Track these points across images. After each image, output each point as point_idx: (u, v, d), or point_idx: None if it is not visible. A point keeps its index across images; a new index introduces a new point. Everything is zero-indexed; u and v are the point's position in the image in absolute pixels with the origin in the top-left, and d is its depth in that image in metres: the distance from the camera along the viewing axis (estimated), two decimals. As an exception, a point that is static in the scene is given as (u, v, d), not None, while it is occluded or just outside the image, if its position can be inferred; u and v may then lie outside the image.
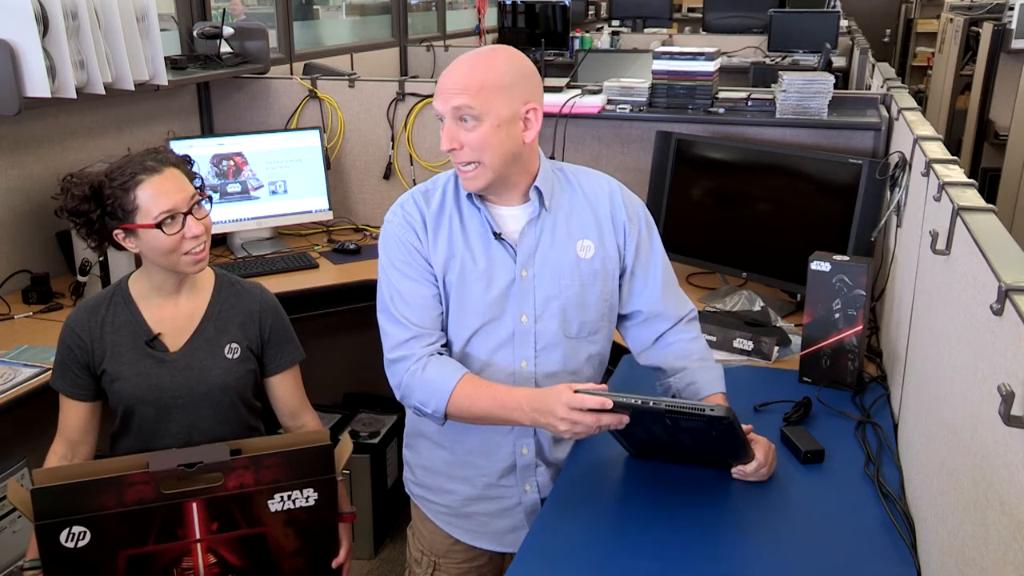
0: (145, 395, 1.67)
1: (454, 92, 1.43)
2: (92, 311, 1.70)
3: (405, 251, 1.55)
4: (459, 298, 1.54)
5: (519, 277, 1.55)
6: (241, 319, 1.75)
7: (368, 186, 3.17)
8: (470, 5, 7.79)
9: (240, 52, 3.13)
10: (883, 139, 2.48)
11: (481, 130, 1.44)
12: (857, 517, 1.41)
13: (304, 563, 1.63)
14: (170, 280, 1.70)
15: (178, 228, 1.61)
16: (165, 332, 1.70)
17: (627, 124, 2.78)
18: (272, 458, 1.55)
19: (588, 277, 1.58)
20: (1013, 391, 0.86)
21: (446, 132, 1.45)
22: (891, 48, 10.12)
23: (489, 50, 1.49)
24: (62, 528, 1.46)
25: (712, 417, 1.33)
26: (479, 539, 1.71)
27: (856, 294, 1.82)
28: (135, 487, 1.49)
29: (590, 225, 1.59)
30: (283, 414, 1.86)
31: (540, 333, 1.56)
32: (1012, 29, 4.75)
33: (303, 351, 1.85)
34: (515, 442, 1.61)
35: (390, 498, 2.92)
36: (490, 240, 1.54)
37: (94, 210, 1.61)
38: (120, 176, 1.61)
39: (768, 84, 3.00)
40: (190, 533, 1.54)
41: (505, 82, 1.44)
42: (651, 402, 1.35)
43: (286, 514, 1.58)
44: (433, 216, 1.56)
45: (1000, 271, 0.97)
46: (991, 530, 0.94)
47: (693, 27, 7.95)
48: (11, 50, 2.12)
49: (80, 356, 1.68)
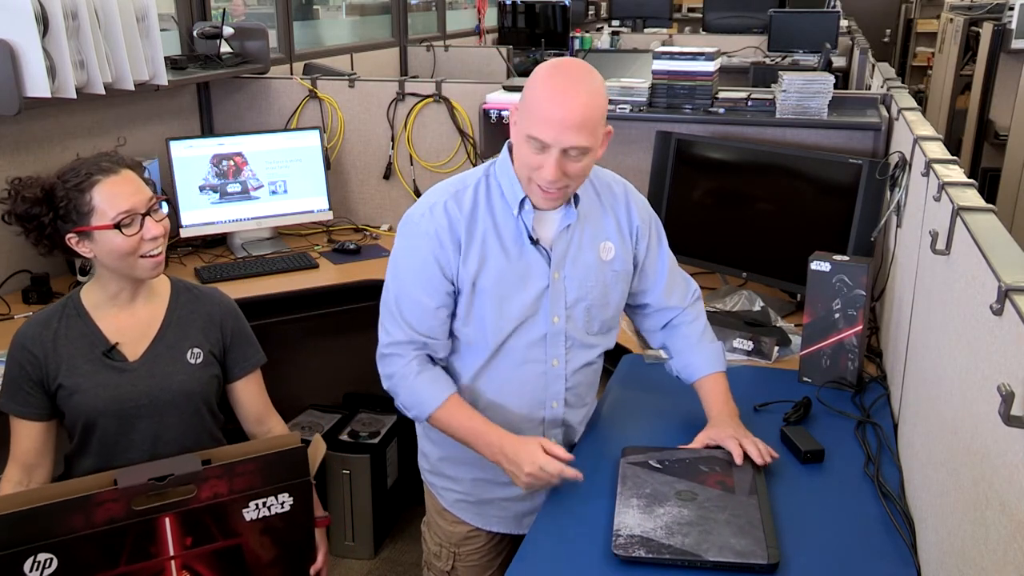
0: (107, 407, 1.62)
1: (574, 132, 1.40)
2: (44, 325, 1.63)
3: (423, 262, 1.54)
4: (496, 300, 1.55)
5: (552, 280, 1.57)
6: (201, 323, 1.72)
7: (368, 186, 3.17)
8: (470, 5, 7.79)
9: (240, 52, 3.13)
10: (883, 139, 2.48)
11: (585, 161, 1.45)
12: (857, 517, 1.42)
13: (281, 572, 1.58)
14: (126, 288, 1.66)
15: (136, 229, 1.57)
16: (123, 341, 1.65)
17: (627, 124, 2.78)
18: (245, 464, 1.49)
19: (611, 278, 1.62)
20: (1013, 391, 0.86)
21: (554, 166, 1.42)
22: (891, 48, 10.12)
23: (586, 73, 1.43)
24: (25, 557, 1.36)
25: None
26: (499, 524, 1.72)
27: (856, 294, 1.82)
28: (104, 506, 1.40)
29: (611, 227, 1.63)
30: (249, 420, 1.82)
31: (569, 333, 1.60)
32: (1012, 29, 4.75)
33: (264, 354, 1.83)
34: (543, 434, 1.63)
35: (390, 498, 2.91)
36: (525, 243, 1.55)
37: (46, 213, 1.56)
38: (74, 177, 1.56)
39: (768, 84, 3.00)
40: (163, 550, 1.47)
41: (603, 106, 1.45)
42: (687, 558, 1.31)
43: (262, 522, 1.53)
44: (466, 221, 1.54)
45: (1000, 271, 0.97)
46: (991, 530, 0.94)
47: (693, 27, 7.95)
48: (11, 50, 2.12)
49: (32, 373, 1.61)
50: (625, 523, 1.36)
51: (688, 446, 1.58)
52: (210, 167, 2.82)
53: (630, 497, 1.43)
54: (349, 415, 3.01)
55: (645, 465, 1.52)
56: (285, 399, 2.63)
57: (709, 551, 1.29)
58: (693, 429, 1.62)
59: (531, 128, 1.42)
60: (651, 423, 1.75)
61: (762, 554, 1.28)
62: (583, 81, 1.42)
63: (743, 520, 1.36)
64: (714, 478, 1.48)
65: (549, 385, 1.62)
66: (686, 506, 1.40)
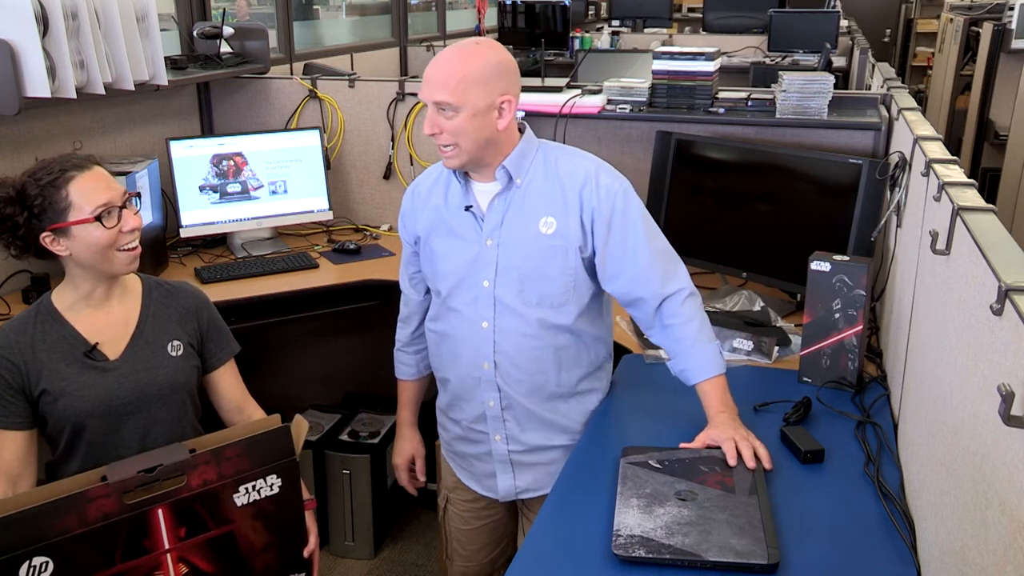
0: (94, 408, 1.62)
1: (435, 87, 1.58)
2: (19, 331, 1.62)
3: (399, 217, 1.86)
4: (440, 259, 1.76)
5: (484, 246, 1.70)
6: (178, 316, 1.74)
7: (368, 186, 3.17)
8: (470, 5, 7.80)
9: (240, 52, 3.13)
10: (883, 139, 2.48)
11: (458, 120, 1.59)
12: (857, 517, 1.42)
13: (275, 557, 1.59)
14: (100, 287, 1.66)
15: (115, 222, 1.59)
16: (102, 341, 1.65)
17: (627, 124, 2.78)
18: (232, 448, 1.51)
19: (547, 251, 1.69)
20: (1013, 391, 0.86)
21: (428, 119, 1.62)
22: (891, 48, 10.12)
23: (471, 44, 1.61)
24: (20, 562, 1.34)
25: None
26: (469, 480, 1.90)
27: (856, 294, 1.82)
28: (96, 502, 1.39)
29: (556, 203, 1.69)
30: (228, 409, 1.84)
31: (499, 298, 1.71)
32: (1012, 29, 4.75)
33: (238, 343, 1.87)
34: (482, 395, 1.77)
35: (390, 498, 2.91)
36: (464, 211, 1.71)
37: (20, 213, 1.55)
38: (47, 175, 1.56)
39: (768, 84, 3.00)
40: (158, 544, 1.47)
41: (483, 76, 1.58)
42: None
43: (253, 507, 1.54)
44: (426, 189, 1.79)
45: (1000, 271, 0.97)
46: (991, 530, 0.94)
47: (693, 27, 7.95)
48: (11, 50, 2.12)
49: (13, 381, 1.59)
50: (625, 523, 1.36)
51: (688, 446, 1.58)
52: (210, 167, 2.82)
53: (630, 497, 1.43)
54: (349, 415, 3.01)
55: (645, 465, 1.52)
56: (285, 399, 2.64)
57: (709, 551, 1.29)
58: (693, 429, 1.62)
59: (419, 93, 1.64)
60: (651, 423, 1.75)
61: (762, 554, 1.28)
62: (462, 49, 1.60)
63: (743, 520, 1.36)
64: (714, 478, 1.48)
65: (480, 345, 1.73)
66: (686, 506, 1.40)
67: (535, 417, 1.76)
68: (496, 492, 1.84)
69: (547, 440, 1.77)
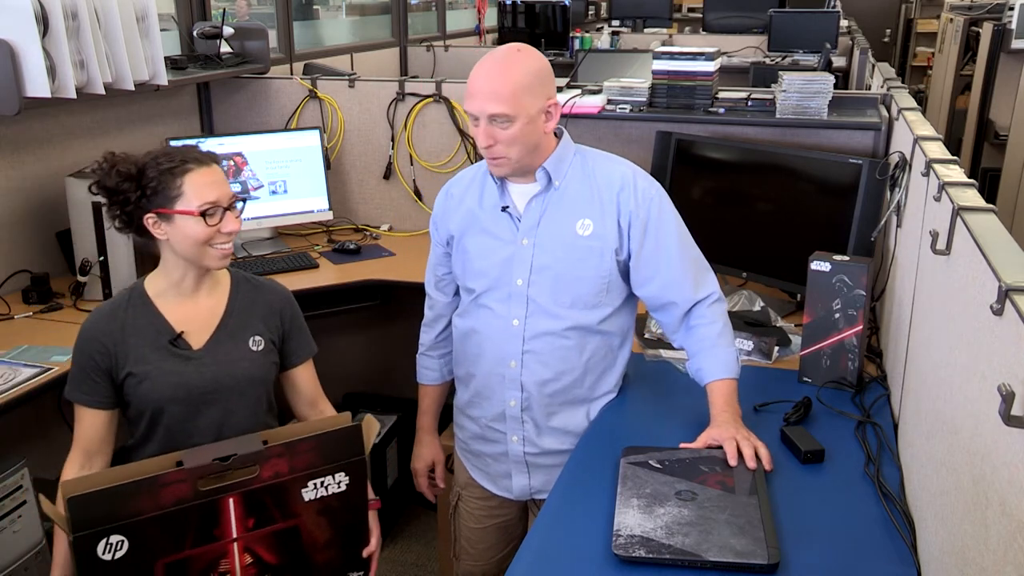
0: (175, 394, 1.66)
1: (487, 99, 1.58)
2: (110, 316, 1.68)
3: (431, 219, 1.87)
4: (474, 258, 1.77)
5: (519, 245, 1.71)
6: (262, 312, 1.78)
7: (368, 186, 3.17)
8: (470, 5, 7.80)
9: (240, 52, 3.13)
10: (883, 139, 2.48)
11: (513, 129, 1.60)
12: (857, 517, 1.42)
13: (336, 554, 1.61)
14: (190, 276, 1.70)
15: (217, 220, 1.64)
16: (188, 330, 1.70)
17: (627, 124, 2.78)
18: (305, 443, 1.52)
19: (583, 252, 1.70)
20: (1013, 391, 0.86)
21: (483, 132, 1.61)
22: (891, 48, 10.12)
23: (514, 52, 1.62)
24: (99, 539, 1.37)
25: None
26: (483, 479, 1.90)
27: (856, 294, 1.82)
28: (171, 487, 1.42)
29: (593, 205, 1.70)
30: (303, 404, 1.88)
31: (532, 298, 1.71)
32: (1012, 29, 4.75)
33: (315, 344, 1.90)
34: (504, 393, 1.77)
35: (390, 498, 2.91)
36: (500, 211, 1.72)
37: (134, 191, 1.61)
38: (168, 162, 1.62)
39: (768, 84, 3.00)
40: (227, 532, 1.49)
41: (531, 83, 1.59)
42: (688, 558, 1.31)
43: (319, 502, 1.55)
44: (460, 191, 1.80)
45: (1000, 271, 0.97)
46: (991, 530, 0.94)
47: (693, 27, 7.95)
48: (11, 50, 2.12)
49: (102, 363, 1.65)
50: (625, 523, 1.36)
51: (689, 445, 1.58)
52: (210, 167, 2.81)
53: (630, 497, 1.43)
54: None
55: (645, 465, 1.52)
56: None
57: (709, 551, 1.29)
58: (693, 429, 1.62)
59: (466, 104, 1.63)
60: (651, 423, 1.75)
61: (762, 554, 1.28)
62: (507, 58, 1.60)
63: (743, 520, 1.36)
64: (714, 478, 1.48)
65: (508, 342, 1.73)
66: (686, 506, 1.40)
67: (553, 419, 1.77)
68: (511, 492, 1.85)
69: (562, 444, 1.77)
